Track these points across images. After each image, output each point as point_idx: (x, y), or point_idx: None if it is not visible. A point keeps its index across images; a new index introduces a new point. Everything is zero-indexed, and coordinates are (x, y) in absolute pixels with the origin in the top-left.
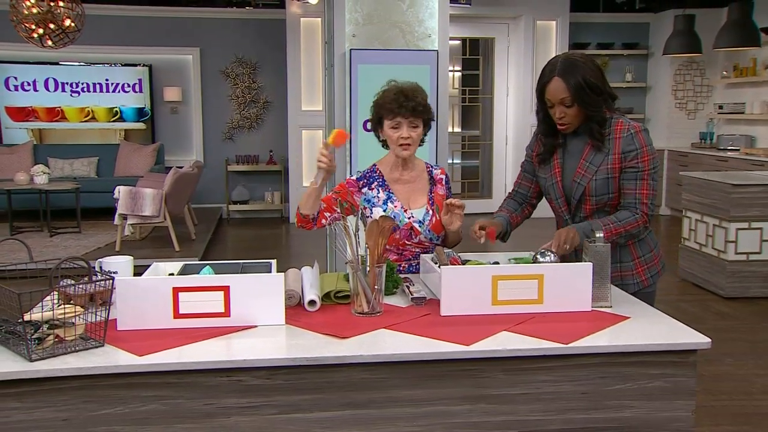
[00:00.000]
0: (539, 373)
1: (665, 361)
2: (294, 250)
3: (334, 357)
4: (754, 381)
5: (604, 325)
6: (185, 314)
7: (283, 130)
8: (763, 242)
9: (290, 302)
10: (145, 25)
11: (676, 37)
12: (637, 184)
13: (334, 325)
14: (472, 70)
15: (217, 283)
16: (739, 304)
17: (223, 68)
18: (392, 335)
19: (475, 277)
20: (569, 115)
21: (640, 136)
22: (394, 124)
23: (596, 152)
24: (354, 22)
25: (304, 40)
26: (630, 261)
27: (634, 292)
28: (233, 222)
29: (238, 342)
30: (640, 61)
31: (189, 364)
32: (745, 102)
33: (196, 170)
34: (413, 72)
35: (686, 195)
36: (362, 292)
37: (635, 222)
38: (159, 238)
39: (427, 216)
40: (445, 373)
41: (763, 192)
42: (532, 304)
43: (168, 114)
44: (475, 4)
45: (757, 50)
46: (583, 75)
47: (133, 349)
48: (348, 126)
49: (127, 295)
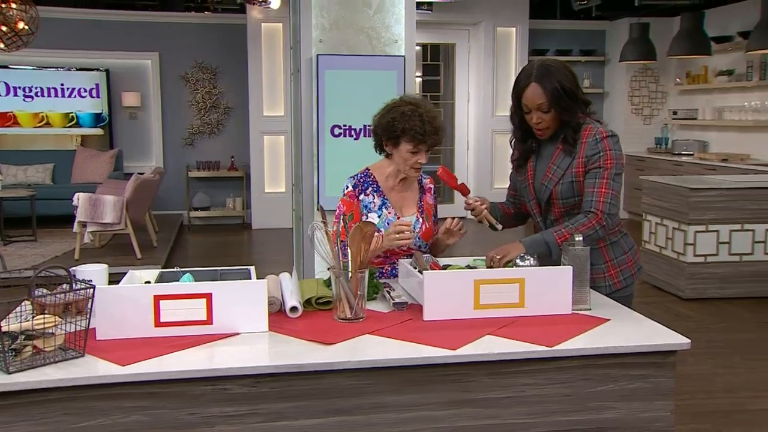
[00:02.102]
0: (523, 376)
1: (646, 362)
2: (257, 257)
3: (320, 363)
4: (714, 380)
5: (585, 328)
6: (167, 322)
7: (245, 136)
8: (719, 244)
9: (271, 309)
10: (103, 29)
11: (632, 45)
12: (596, 183)
13: (317, 331)
14: (432, 76)
15: (199, 290)
16: (697, 305)
17: (183, 73)
18: (377, 341)
19: (458, 282)
20: (546, 120)
21: (605, 141)
22: (415, 150)
23: (564, 156)
24: (320, 27)
25: (265, 45)
26: (602, 263)
27: (606, 294)
28: (194, 229)
29: (222, 350)
30: (597, 67)
31: (172, 373)
32: (698, 108)
33: (157, 176)
34: (380, 77)
35: (646, 199)
36: (345, 298)
37: (588, 223)
38: (119, 246)
39: (418, 223)
40: (431, 377)
41: (719, 195)
42: (514, 308)
43: (126, 119)
44: (436, 11)
45: (707, 58)
46: (559, 80)
47: (115, 358)
48: (315, 131)
49: (106, 304)
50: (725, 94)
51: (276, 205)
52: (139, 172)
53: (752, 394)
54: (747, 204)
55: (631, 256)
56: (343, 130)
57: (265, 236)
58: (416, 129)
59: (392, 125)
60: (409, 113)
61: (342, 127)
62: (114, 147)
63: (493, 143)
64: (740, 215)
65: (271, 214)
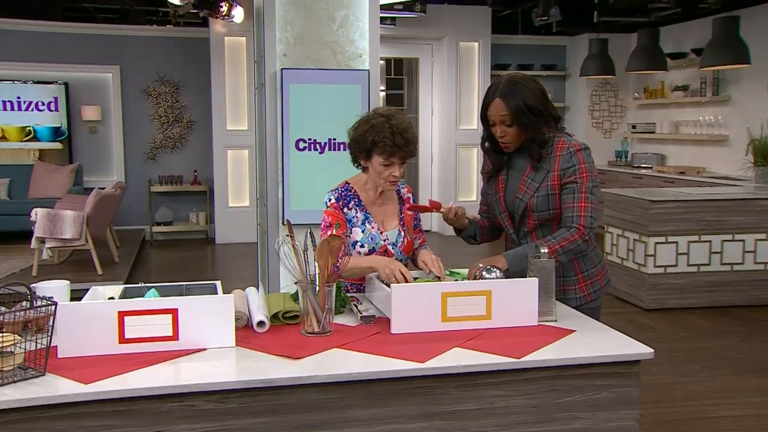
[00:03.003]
0: (491, 387)
1: (611, 372)
2: (221, 272)
3: (288, 378)
4: (676, 388)
5: (551, 339)
6: (131, 339)
7: (208, 150)
8: (678, 255)
9: (238, 324)
10: (62, 42)
11: (591, 60)
12: (575, 198)
13: (285, 345)
14: (396, 90)
15: (164, 305)
16: (658, 315)
17: (145, 87)
18: (345, 354)
19: (425, 295)
20: (509, 134)
21: (579, 154)
22: (387, 162)
23: (538, 170)
24: (285, 41)
25: (228, 59)
26: (573, 276)
27: (575, 306)
28: (157, 244)
29: (188, 366)
30: (558, 81)
31: (137, 390)
32: (656, 122)
33: (119, 191)
34: (345, 91)
35: (608, 211)
36: (312, 312)
37: (571, 237)
38: (79, 262)
39: (400, 237)
40: (400, 390)
41: (678, 207)
42: (481, 320)
43: (86, 133)
44: (399, 25)
45: (664, 74)
46: (523, 97)
47: (78, 377)
48: (280, 144)
49: (69, 321)
50: (681, 108)
51: (240, 219)
52: (100, 186)
53: (712, 401)
54: (704, 215)
55: (600, 269)
56: (308, 143)
57: (229, 251)
58: (386, 141)
59: (364, 138)
60: (380, 126)
61: (307, 140)
62: (73, 161)
63: (457, 157)
64: (698, 227)
65: (234, 229)
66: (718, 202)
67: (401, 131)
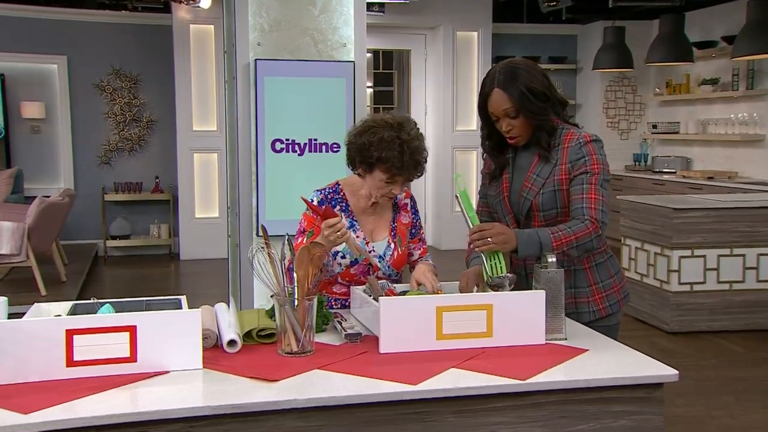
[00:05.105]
0: (493, 413)
1: (630, 396)
2: (187, 291)
3: (263, 403)
4: (707, 423)
5: (561, 359)
6: (81, 361)
7: (172, 154)
8: (707, 271)
9: (206, 343)
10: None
11: (606, 51)
12: (584, 189)
13: (259, 367)
14: (385, 86)
15: (120, 323)
16: (684, 339)
17: (97, 81)
18: (327, 376)
19: (417, 309)
20: (516, 126)
21: (589, 146)
22: (389, 180)
23: (544, 164)
24: (259, 28)
25: (194, 49)
26: (586, 287)
27: (588, 322)
28: (112, 260)
29: (148, 390)
30: (568, 76)
31: (88, 420)
32: (680, 121)
33: (66, 200)
34: (327, 85)
35: (624, 221)
36: (290, 329)
37: (585, 229)
38: (19, 281)
39: (389, 250)
40: (389, 417)
41: (706, 217)
42: (481, 338)
43: (28, 133)
44: (389, 12)
45: (689, 66)
46: (525, 82)
47: (15, 406)
48: (253, 145)
49: (6, 342)
50: (709, 105)
51: (208, 232)
52: (44, 194)
53: None
54: (736, 225)
55: (617, 280)
56: (286, 144)
57: (196, 268)
58: (393, 162)
59: (367, 150)
60: (389, 140)
61: (284, 141)
62: (12, 165)
63: (453, 161)
64: (729, 238)
65: (202, 243)
66: (753, 210)
67: (412, 151)
